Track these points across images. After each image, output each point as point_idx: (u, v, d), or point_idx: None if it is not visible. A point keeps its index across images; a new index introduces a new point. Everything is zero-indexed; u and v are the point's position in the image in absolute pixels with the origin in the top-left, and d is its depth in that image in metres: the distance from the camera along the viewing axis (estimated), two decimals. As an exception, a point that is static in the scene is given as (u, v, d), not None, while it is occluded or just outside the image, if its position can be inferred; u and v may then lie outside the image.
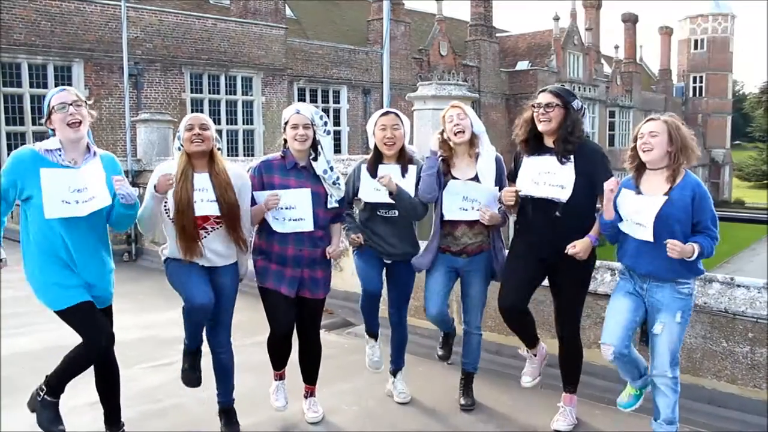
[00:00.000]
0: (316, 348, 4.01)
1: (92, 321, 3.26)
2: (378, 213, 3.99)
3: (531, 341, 4.01)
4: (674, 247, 3.19)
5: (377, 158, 4.00)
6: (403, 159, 3.99)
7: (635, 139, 3.42)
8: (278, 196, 3.63)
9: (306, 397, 4.08)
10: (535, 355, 4.04)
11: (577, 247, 3.57)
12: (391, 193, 3.84)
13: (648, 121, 3.40)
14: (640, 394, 3.70)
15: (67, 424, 3.70)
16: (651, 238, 3.28)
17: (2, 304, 6.65)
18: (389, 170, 3.94)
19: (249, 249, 3.75)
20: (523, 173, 3.77)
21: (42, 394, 3.34)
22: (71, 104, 3.20)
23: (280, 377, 4.05)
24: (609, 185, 3.40)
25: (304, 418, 4.01)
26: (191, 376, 3.75)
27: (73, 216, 3.18)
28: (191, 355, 3.74)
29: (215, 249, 3.55)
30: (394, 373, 4.32)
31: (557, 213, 3.64)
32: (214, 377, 3.81)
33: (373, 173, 3.95)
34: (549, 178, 3.66)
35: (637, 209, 3.35)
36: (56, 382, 3.33)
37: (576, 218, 3.64)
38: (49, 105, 3.23)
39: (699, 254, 3.24)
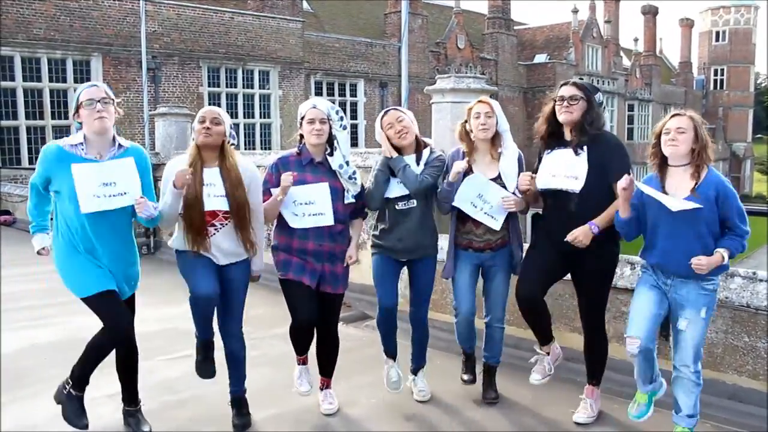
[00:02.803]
0: (335, 342, 4.02)
1: (113, 308, 3.34)
2: (396, 207, 3.95)
3: (545, 338, 3.97)
4: (700, 266, 3.17)
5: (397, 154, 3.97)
6: (420, 148, 3.98)
7: (658, 136, 3.36)
8: (291, 175, 3.62)
9: (321, 389, 4.09)
10: (548, 354, 4.01)
11: (576, 234, 3.54)
12: (390, 158, 3.88)
13: (674, 116, 3.33)
14: (650, 402, 3.63)
15: (88, 415, 3.74)
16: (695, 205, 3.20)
17: (22, 297, 6.73)
18: (407, 161, 3.92)
19: (262, 245, 3.75)
20: (543, 168, 3.76)
21: (68, 387, 3.41)
22: (99, 101, 3.29)
23: (303, 362, 4.04)
24: (621, 184, 3.33)
25: (320, 410, 4.02)
26: (204, 368, 3.80)
27: (104, 210, 3.25)
28: (204, 348, 3.79)
29: (224, 247, 3.57)
30: (415, 371, 4.28)
31: (572, 206, 3.62)
32: (227, 367, 3.83)
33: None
34: (565, 170, 3.66)
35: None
36: (80, 373, 3.39)
37: (591, 209, 3.61)
38: (78, 99, 3.31)
39: (729, 257, 3.21)
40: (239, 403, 3.85)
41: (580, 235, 3.55)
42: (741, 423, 3.84)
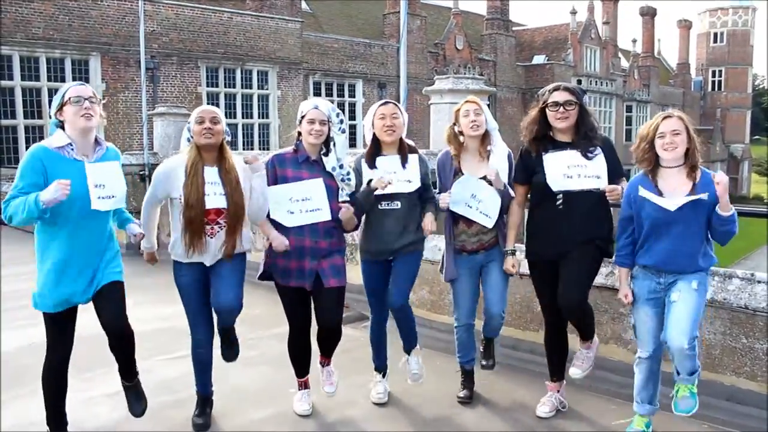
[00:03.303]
0: (338, 334, 3.96)
1: (58, 331, 3.35)
2: (380, 207, 3.93)
3: (558, 373, 4.02)
4: (723, 181, 3.16)
5: (375, 149, 3.97)
6: (403, 150, 3.97)
7: (650, 139, 3.34)
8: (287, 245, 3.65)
9: (322, 366, 4.05)
10: (558, 392, 4.02)
11: (613, 187, 3.58)
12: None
13: (666, 118, 3.33)
14: (647, 428, 3.61)
15: (85, 414, 3.75)
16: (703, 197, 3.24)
17: (21, 296, 6.72)
18: (389, 161, 3.92)
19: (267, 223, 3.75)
20: (551, 170, 3.72)
21: None
22: (87, 99, 3.20)
23: (305, 385, 4.05)
24: (623, 294, 3.53)
25: (321, 390, 4.02)
26: (199, 424, 3.80)
27: (100, 210, 3.22)
28: (202, 403, 3.85)
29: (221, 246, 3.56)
30: (408, 351, 4.23)
31: (593, 204, 3.68)
32: (219, 338, 3.81)
33: (371, 164, 3.94)
34: (581, 171, 3.68)
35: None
36: (50, 413, 3.43)
37: (607, 205, 3.74)
38: (63, 96, 3.20)
39: (732, 219, 3.22)
40: (228, 332, 3.84)
41: (618, 189, 3.59)
42: (739, 424, 3.85)
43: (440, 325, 5.29)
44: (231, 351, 3.88)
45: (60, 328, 3.35)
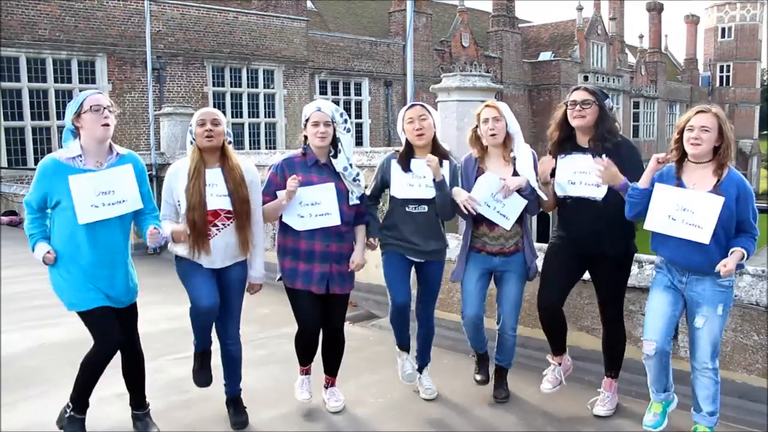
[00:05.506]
0: (341, 342, 4.01)
1: (103, 325, 3.36)
2: (406, 209, 3.93)
3: (559, 348, 4.03)
4: (728, 271, 3.11)
5: (409, 152, 3.95)
6: (437, 153, 3.91)
7: (681, 131, 3.32)
8: (296, 179, 3.60)
9: (326, 387, 4.07)
10: (560, 365, 4.05)
11: (605, 173, 3.48)
12: (434, 180, 3.79)
13: (699, 113, 3.27)
14: (664, 412, 3.61)
15: (96, 414, 3.76)
16: (707, 241, 3.18)
17: (31, 296, 6.75)
18: (421, 165, 3.89)
19: (262, 251, 3.76)
20: (560, 173, 3.79)
21: (69, 410, 3.46)
22: (106, 108, 3.29)
23: (306, 372, 4.05)
24: (657, 158, 3.33)
25: (326, 408, 4.01)
26: (200, 377, 3.82)
27: (102, 219, 3.25)
28: (201, 357, 3.82)
29: (224, 248, 3.56)
30: (420, 369, 4.26)
31: (595, 212, 3.65)
32: (222, 368, 3.83)
33: (405, 167, 3.92)
34: (584, 178, 3.69)
35: (685, 206, 3.23)
36: (77, 395, 3.45)
37: (612, 214, 3.63)
38: (81, 104, 3.28)
39: (746, 258, 3.18)
40: (236, 403, 3.87)
41: (610, 173, 3.48)
42: (750, 422, 3.83)
43: (449, 323, 5.28)
44: (241, 418, 3.83)
45: (89, 323, 3.37)
